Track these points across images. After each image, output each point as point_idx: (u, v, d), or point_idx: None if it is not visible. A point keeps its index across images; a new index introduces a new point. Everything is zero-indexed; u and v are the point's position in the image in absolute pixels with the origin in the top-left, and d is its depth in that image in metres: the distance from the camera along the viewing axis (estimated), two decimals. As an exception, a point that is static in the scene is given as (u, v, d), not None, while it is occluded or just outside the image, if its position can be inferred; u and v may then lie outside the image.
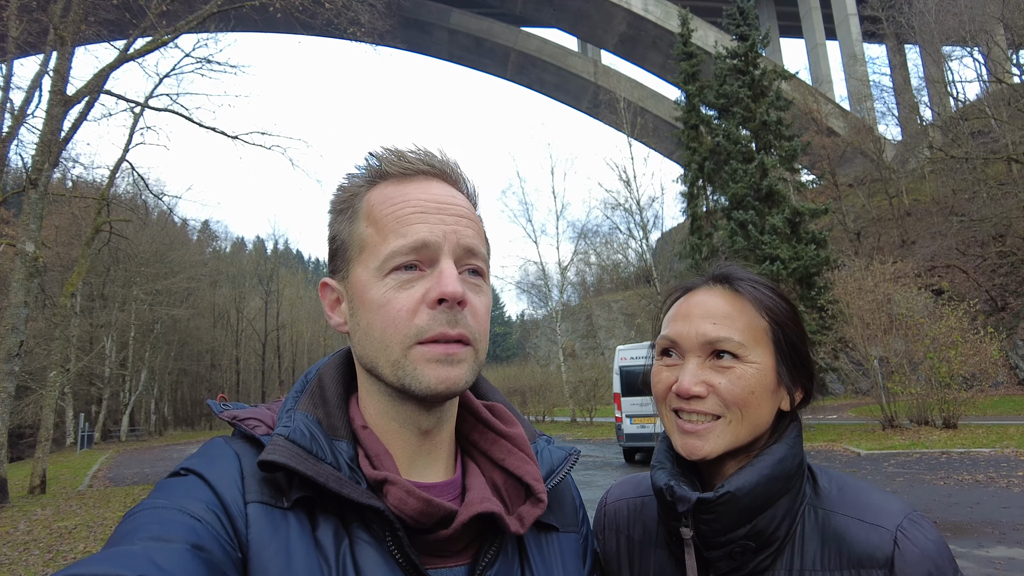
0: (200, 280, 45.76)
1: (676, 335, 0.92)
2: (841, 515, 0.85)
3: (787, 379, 0.91)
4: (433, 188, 0.76)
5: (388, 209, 0.74)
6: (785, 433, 0.91)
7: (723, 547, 0.85)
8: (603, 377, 28.94)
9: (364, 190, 0.78)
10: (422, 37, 53.11)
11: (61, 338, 16.20)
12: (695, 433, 0.88)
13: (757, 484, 0.83)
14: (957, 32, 30.20)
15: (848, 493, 0.88)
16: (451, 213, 0.75)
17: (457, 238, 0.73)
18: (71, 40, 12.84)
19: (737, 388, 0.86)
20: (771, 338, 0.91)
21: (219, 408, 0.79)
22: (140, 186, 19.81)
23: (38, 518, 10.37)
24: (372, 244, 0.74)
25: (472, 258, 0.75)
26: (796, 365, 0.92)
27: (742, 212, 20.64)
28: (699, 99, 25.71)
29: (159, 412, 46.45)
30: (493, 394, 0.90)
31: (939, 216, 31.00)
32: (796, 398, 0.94)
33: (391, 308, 0.71)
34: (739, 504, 0.83)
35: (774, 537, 0.85)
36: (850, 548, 0.83)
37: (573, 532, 0.88)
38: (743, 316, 0.90)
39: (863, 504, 0.86)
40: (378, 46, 18.60)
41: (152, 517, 0.61)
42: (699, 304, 0.93)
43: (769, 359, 0.90)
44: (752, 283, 0.94)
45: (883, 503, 0.86)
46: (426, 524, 0.70)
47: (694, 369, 0.89)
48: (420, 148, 0.79)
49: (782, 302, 0.94)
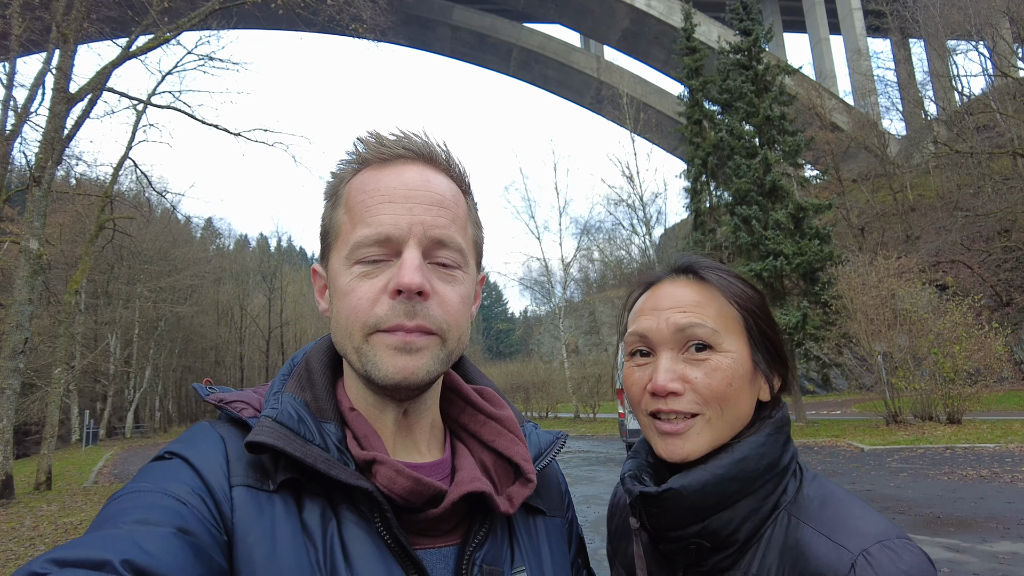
0: (204, 277, 45.86)
1: (645, 330, 0.87)
2: (811, 528, 0.78)
3: (764, 367, 0.87)
4: (408, 173, 0.74)
5: (360, 197, 0.74)
6: (757, 430, 0.85)
7: (674, 542, 0.82)
8: (606, 373, 28.96)
9: (348, 177, 0.77)
10: (424, 33, 53.09)
11: (65, 335, 16.25)
12: (675, 434, 0.83)
13: (706, 484, 0.78)
14: (962, 26, 30.04)
15: (830, 507, 0.80)
16: (422, 201, 0.73)
17: (424, 228, 0.72)
18: (73, 38, 12.86)
19: (715, 381, 0.82)
20: (743, 326, 0.87)
21: (205, 391, 0.78)
22: (143, 183, 19.84)
23: (44, 514, 10.43)
24: (344, 232, 0.74)
25: (442, 249, 0.73)
26: (770, 352, 0.88)
27: (745, 208, 20.57)
28: (702, 94, 25.61)
29: (163, 409, 46.66)
30: (481, 378, 0.90)
31: (943, 211, 30.87)
32: (775, 386, 0.89)
33: (353, 296, 0.71)
34: (684, 502, 0.79)
35: (732, 539, 0.80)
36: (805, 564, 0.76)
37: (559, 517, 0.88)
38: (713, 304, 0.87)
39: (839, 521, 0.78)
40: (380, 43, 18.59)
41: (137, 500, 0.60)
42: (667, 295, 0.89)
43: (744, 347, 0.86)
44: (718, 271, 0.90)
45: (861, 524, 0.77)
46: (416, 503, 0.70)
47: (668, 364, 0.84)
48: (401, 131, 0.77)
49: (749, 290, 0.91)
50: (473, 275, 0.79)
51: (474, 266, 0.80)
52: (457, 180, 0.80)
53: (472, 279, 0.79)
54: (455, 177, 0.79)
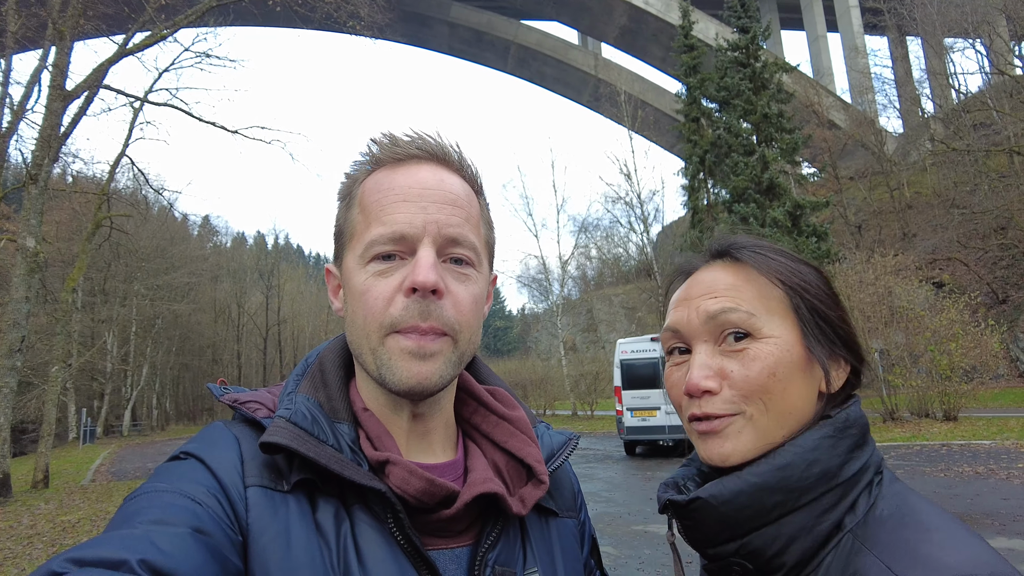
0: (201, 275, 45.80)
1: (676, 323, 0.78)
2: (872, 555, 0.64)
3: (820, 353, 0.74)
4: (422, 173, 0.75)
5: (375, 196, 0.74)
6: (808, 430, 0.71)
7: (713, 560, 0.73)
8: (604, 371, 28.98)
9: (362, 177, 0.78)
10: (422, 31, 52.98)
11: (63, 333, 16.20)
12: (714, 433, 0.73)
13: (739, 494, 0.68)
14: (959, 24, 30.10)
15: (905, 530, 0.65)
16: (436, 200, 0.73)
17: (438, 227, 0.72)
18: (70, 35, 12.81)
19: (753, 371, 0.71)
20: (790, 305, 0.75)
21: (219, 392, 0.79)
22: (140, 181, 19.77)
23: (41, 512, 10.42)
24: (359, 231, 0.75)
25: (456, 247, 0.74)
26: (828, 335, 0.75)
27: (743, 205, 20.63)
28: (700, 92, 25.63)
29: (161, 407, 46.62)
30: (493, 379, 0.91)
31: (940, 209, 30.94)
32: (838, 377, 0.76)
33: (369, 296, 0.71)
34: (715, 514, 0.69)
35: (777, 562, 0.68)
36: None
37: (572, 518, 0.88)
38: (750, 285, 0.76)
39: (910, 548, 0.62)
40: (378, 40, 18.55)
41: (153, 501, 0.61)
42: (698, 283, 0.79)
43: (791, 331, 0.74)
44: (756, 248, 0.79)
45: (939, 555, 0.61)
46: (428, 504, 0.70)
47: (702, 359, 0.74)
48: (414, 132, 0.78)
49: (799, 265, 0.78)
50: (486, 275, 0.80)
51: (487, 266, 0.80)
52: (470, 180, 0.80)
53: (485, 279, 0.79)
54: (468, 177, 0.80)
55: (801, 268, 0.78)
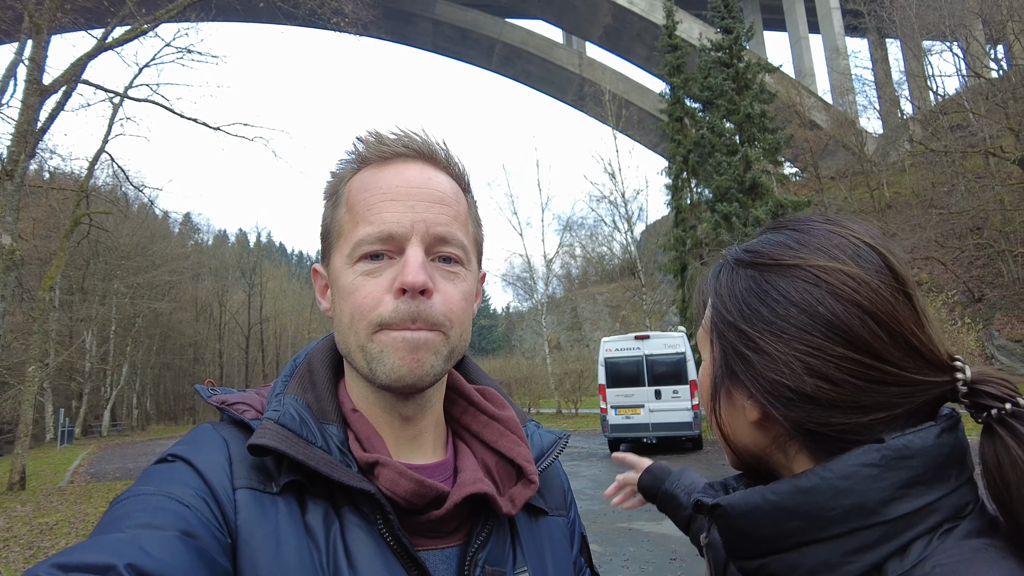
0: (182, 273, 45.16)
1: None
2: None
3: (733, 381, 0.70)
4: (408, 171, 0.74)
5: (362, 195, 0.74)
6: (847, 452, 0.62)
7: (743, 572, 0.68)
8: (588, 369, 29.13)
9: (348, 176, 0.77)
10: (406, 28, 52.72)
11: (40, 332, 15.91)
12: None
13: (756, 509, 0.62)
14: (937, 27, 30.56)
15: None
16: (424, 198, 0.73)
17: (427, 226, 0.72)
18: (47, 28, 12.59)
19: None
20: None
21: (207, 393, 0.78)
22: (120, 178, 19.47)
23: (18, 514, 10.23)
24: (346, 231, 0.74)
25: (444, 245, 0.73)
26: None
27: (726, 204, 20.77)
28: (684, 92, 25.75)
29: (141, 407, 45.94)
30: (483, 378, 0.90)
31: (919, 209, 31.41)
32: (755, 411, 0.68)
33: (357, 295, 0.71)
34: (734, 525, 0.65)
35: None
36: None
37: (562, 516, 0.88)
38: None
39: None
40: (362, 37, 18.43)
41: (140, 504, 0.60)
42: None
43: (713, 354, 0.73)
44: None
45: None
46: (418, 505, 0.70)
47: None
48: (401, 130, 0.77)
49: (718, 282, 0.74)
50: (475, 273, 0.79)
51: (476, 264, 0.80)
52: (457, 178, 0.80)
53: (474, 277, 0.79)
54: (455, 175, 0.80)
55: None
